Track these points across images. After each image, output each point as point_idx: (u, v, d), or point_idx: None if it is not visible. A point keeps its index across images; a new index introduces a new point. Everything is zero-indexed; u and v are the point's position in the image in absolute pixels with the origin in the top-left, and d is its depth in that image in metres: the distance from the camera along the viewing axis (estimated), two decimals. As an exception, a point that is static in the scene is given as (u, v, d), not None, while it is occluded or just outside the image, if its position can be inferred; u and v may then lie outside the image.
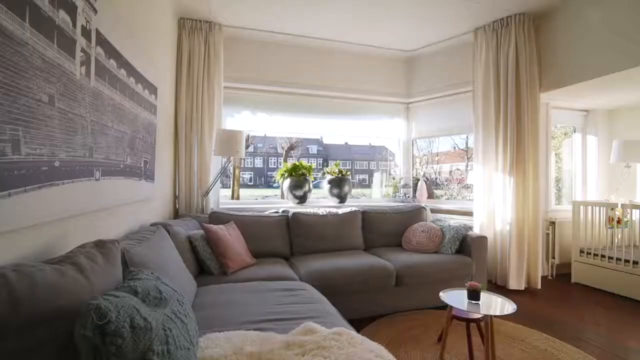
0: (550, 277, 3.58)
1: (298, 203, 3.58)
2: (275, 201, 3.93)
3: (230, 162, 3.27)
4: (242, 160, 8.27)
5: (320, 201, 3.88)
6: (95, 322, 0.74)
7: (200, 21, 3.15)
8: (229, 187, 6.72)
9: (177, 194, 3.14)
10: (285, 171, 3.59)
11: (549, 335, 2.27)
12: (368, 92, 4.03)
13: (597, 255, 3.26)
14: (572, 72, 3.02)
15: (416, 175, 4.42)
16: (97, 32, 1.43)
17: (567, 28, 3.05)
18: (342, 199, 3.72)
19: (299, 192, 3.53)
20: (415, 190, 4.14)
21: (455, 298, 1.94)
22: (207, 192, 3.11)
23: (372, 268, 2.52)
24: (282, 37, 3.57)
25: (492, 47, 3.28)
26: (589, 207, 3.41)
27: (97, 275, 0.99)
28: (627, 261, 3.02)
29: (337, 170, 3.72)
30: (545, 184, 3.57)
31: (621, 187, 3.67)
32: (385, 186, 4.88)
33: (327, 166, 3.89)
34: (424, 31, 3.54)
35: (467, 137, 6.93)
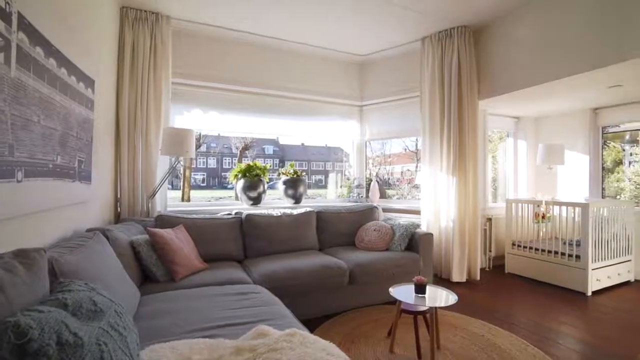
0: (487, 269, 3.92)
1: (252, 204, 3.51)
2: (229, 203, 3.81)
3: (179, 162, 3.11)
4: (194, 160, 7.89)
5: (276, 202, 3.85)
6: (13, 341, 0.66)
7: (145, 11, 2.95)
8: (180, 189, 6.39)
9: (118, 196, 2.91)
10: (239, 172, 3.50)
11: (487, 322, 2.48)
12: (323, 94, 4.08)
13: (525, 247, 3.64)
14: (504, 83, 3.34)
15: (369, 175, 4.57)
16: (20, 16, 1.28)
17: (500, 42, 3.37)
18: (297, 199, 3.72)
19: (253, 194, 3.47)
20: (368, 191, 4.28)
21: (404, 293, 2.04)
22: (153, 194, 2.93)
23: (326, 268, 2.55)
24: (237, 34, 3.48)
25: (438, 55, 3.51)
26: (520, 205, 3.79)
27: (18, 289, 0.88)
28: (549, 252, 3.41)
29: (292, 171, 3.71)
30: (483, 183, 3.90)
31: (545, 186, 4.14)
32: (341, 186, 4.99)
33: (283, 167, 3.87)
34: (376, 37, 3.68)
35: (416, 139, 7.33)
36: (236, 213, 3.08)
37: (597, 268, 3.13)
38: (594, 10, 2.64)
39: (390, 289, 2.09)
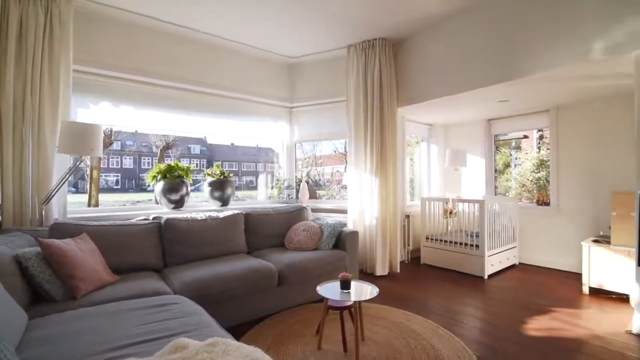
0: (406, 262, 4.29)
1: (174, 208, 3.26)
2: (147, 207, 3.46)
3: (82, 161, 2.72)
4: (104, 160, 7.00)
5: (202, 205, 3.64)
6: None
7: (36, -15, 2.52)
8: (87, 192, 5.58)
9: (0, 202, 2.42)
10: (157, 173, 3.21)
11: (405, 310, 2.71)
12: (254, 93, 4.00)
13: (437, 240, 4.08)
14: (418, 93, 3.70)
15: (299, 177, 4.62)
16: None
17: (416, 56, 3.72)
18: (224, 202, 3.57)
19: (175, 196, 3.22)
20: (298, 192, 4.32)
21: (330, 290, 2.11)
22: (48, 199, 2.50)
23: (254, 271, 2.50)
24: (158, 24, 3.21)
25: (362, 63, 3.72)
26: (432, 202, 4.23)
27: None
28: (456, 243, 3.88)
29: (218, 172, 3.54)
30: (402, 184, 4.25)
31: (452, 186, 4.69)
32: (272, 187, 4.93)
33: (212, 167, 3.66)
34: (306, 40, 3.75)
35: (345, 142, 7.71)
36: (154, 218, 2.81)
37: (491, 255, 3.66)
38: (489, 36, 3.10)
39: (318, 287, 2.14)
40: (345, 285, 2.07)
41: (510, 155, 6.48)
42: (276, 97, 4.21)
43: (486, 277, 3.57)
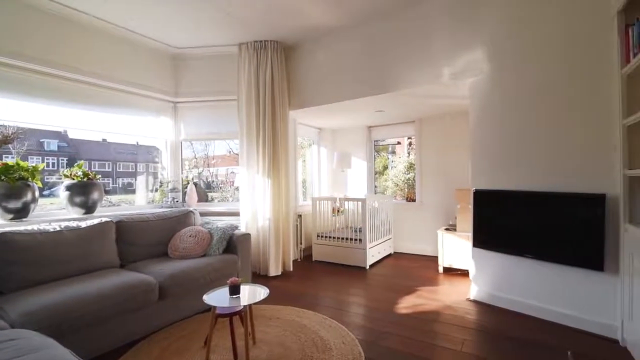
0: (299, 260, 4.44)
1: (14, 218, 2.57)
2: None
3: None
4: None
5: (59, 213, 2.98)
6: None
7: None
8: None
9: None
10: (-14, 174, 2.48)
11: (297, 307, 2.79)
12: (131, 83, 3.51)
13: (327, 237, 4.35)
14: (307, 98, 3.88)
15: (187, 178, 4.26)
16: None
17: (305, 62, 3.90)
18: (89, 208, 3.01)
19: (15, 204, 2.55)
20: (185, 195, 3.98)
21: (218, 297, 2.01)
22: None
23: (127, 287, 2.18)
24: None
25: (254, 63, 3.68)
26: (322, 202, 4.49)
27: None
28: (343, 238, 4.22)
29: (80, 173, 2.96)
30: (295, 184, 4.38)
31: (340, 186, 5.09)
32: (155, 190, 4.40)
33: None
34: (192, 31, 3.49)
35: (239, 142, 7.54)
36: (-21, 233, 2.16)
37: (372, 247, 4.12)
38: (365, 53, 3.49)
39: (204, 297, 2.01)
40: (235, 290, 2.01)
41: (388, 158, 7.44)
42: (158, 90, 3.79)
43: (368, 267, 4.00)
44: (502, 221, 2.74)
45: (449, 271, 3.77)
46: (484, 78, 2.85)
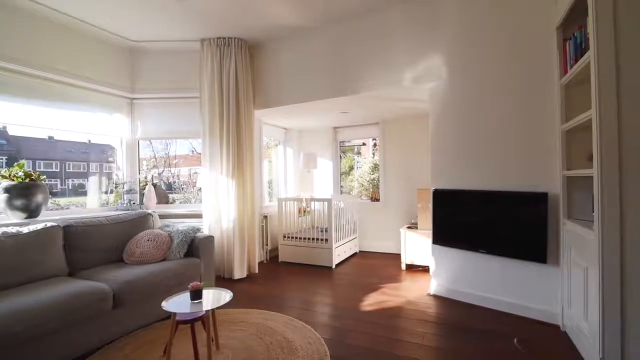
0: (265, 261, 4.38)
1: (-62, 225, 2.29)
2: None
3: None
4: None
5: (-7, 218, 2.70)
6: None
7: None
8: None
9: None
10: None
11: (263, 310, 2.76)
12: (78, 77, 3.26)
13: (293, 237, 4.34)
14: (273, 98, 3.85)
15: (145, 179, 4.04)
16: None
17: (271, 61, 3.86)
18: (32, 212, 2.75)
19: (-59, 209, 2.27)
20: (143, 196, 3.77)
21: (178, 303, 1.93)
22: None
23: (75, 297, 2.01)
24: None
25: (217, 60, 3.58)
26: (288, 202, 4.47)
27: None
28: (309, 239, 4.23)
29: (21, 174, 2.70)
30: (260, 185, 4.32)
31: (306, 186, 5.09)
32: (110, 192, 4.12)
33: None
34: (149, 23, 3.31)
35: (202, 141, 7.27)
36: None
37: (338, 246, 4.17)
38: (329, 55, 3.54)
39: (163, 303, 1.92)
40: (196, 295, 1.94)
41: (354, 159, 7.57)
42: (112, 85, 3.56)
43: (334, 266, 4.04)
44: (459, 219, 2.90)
45: (411, 268, 3.92)
46: (442, 83, 3.00)
